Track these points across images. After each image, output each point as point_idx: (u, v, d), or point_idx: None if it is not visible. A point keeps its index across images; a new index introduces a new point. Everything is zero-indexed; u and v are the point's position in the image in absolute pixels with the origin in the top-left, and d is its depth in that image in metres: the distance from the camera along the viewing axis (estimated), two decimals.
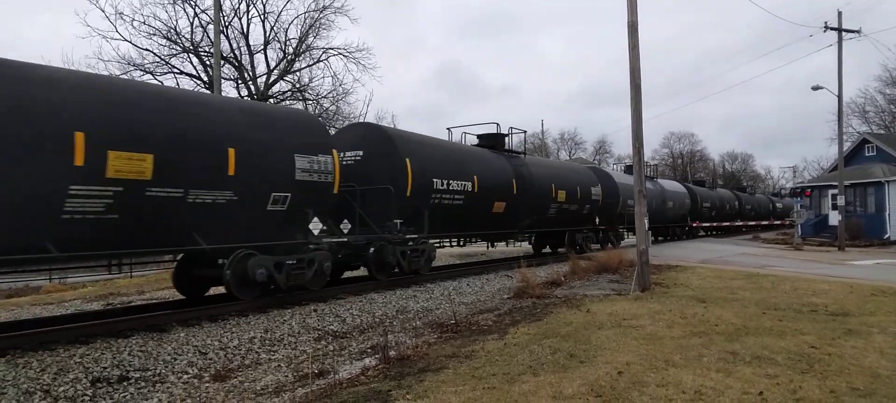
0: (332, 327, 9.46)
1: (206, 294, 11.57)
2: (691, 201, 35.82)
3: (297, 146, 10.91)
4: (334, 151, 11.76)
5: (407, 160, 13.73)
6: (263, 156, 10.24)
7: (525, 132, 20.42)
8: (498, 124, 19.31)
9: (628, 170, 29.89)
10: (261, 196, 10.28)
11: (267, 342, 8.42)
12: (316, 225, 11.42)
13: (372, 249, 13.09)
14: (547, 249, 23.18)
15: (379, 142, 14.02)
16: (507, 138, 19.50)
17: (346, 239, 12.70)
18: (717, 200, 41.57)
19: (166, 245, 9.36)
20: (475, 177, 16.03)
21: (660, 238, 35.14)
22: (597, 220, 23.48)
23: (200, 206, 9.31)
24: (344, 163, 13.29)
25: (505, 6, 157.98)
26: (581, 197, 21.76)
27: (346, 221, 13.34)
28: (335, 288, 12.57)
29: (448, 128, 19.40)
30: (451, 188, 15.07)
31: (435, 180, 14.51)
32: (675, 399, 5.02)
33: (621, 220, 24.83)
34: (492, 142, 19.01)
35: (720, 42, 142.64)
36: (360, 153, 14.03)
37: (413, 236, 14.12)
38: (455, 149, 16.91)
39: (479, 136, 19.36)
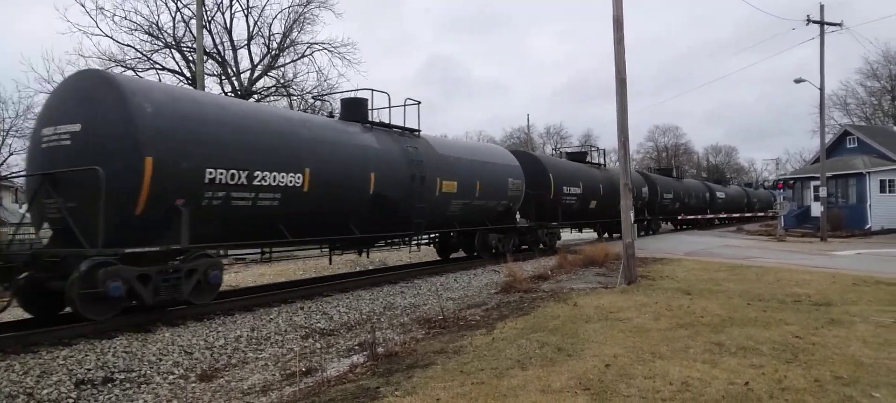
0: (319, 324, 9.42)
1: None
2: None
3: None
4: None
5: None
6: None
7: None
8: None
9: (570, 156, 27.16)
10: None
11: (253, 340, 8.37)
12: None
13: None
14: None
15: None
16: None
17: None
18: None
19: None
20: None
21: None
22: (518, 216, 19.44)
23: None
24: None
25: (495, 2, 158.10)
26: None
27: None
28: (323, 285, 12.54)
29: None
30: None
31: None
32: (663, 390, 5.05)
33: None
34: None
35: (704, 36, 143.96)
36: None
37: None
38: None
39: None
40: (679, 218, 37.48)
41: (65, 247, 8.68)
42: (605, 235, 27.59)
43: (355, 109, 14.05)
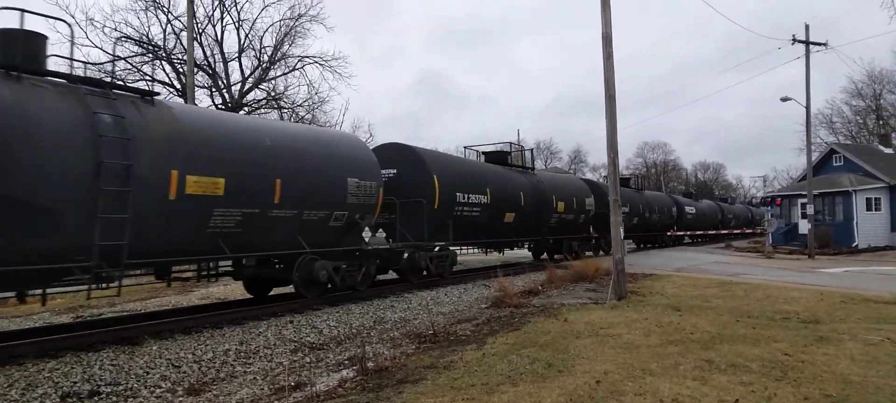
0: (308, 339, 9.36)
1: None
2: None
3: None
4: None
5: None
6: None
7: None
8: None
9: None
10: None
11: (242, 354, 8.30)
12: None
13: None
14: (544, 256, 24.23)
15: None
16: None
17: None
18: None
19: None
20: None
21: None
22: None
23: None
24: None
25: (484, 17, 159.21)
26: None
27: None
28: (313, 299, 12.47)
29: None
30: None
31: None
32: None
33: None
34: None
35: (693, 54, 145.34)
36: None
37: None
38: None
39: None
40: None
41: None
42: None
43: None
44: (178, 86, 27.28)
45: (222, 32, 29.46)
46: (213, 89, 29.35)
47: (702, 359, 6.69)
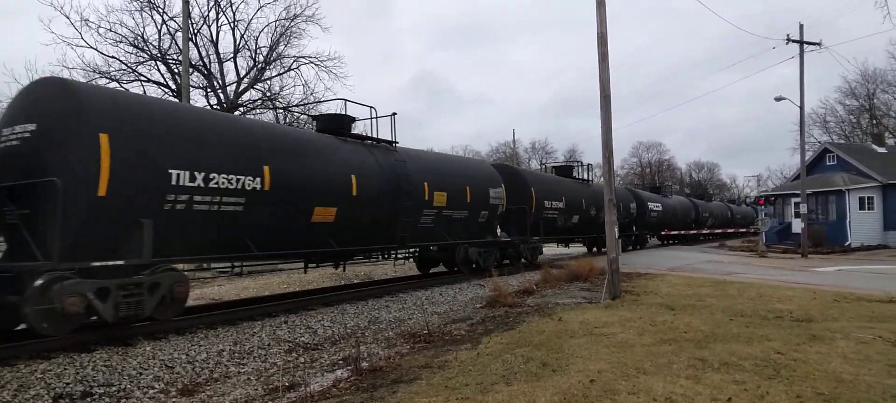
0: (303, 339, 9.35)
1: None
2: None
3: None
4: (503, 185, 18.51)
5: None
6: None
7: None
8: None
9: (557, 170, 27.27)
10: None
11: (236, 355, 8.28)
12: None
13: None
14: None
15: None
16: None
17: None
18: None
19: None
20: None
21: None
22: (498, 230, 19.31)
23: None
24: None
25: (481, 18, 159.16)
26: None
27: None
28: (306, 298, 12.46)
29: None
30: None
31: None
32: None
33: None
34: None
35: (687, 54, 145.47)
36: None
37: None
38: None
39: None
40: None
41: None
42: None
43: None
44: (174, 87, 27.22)
45: (217, 33, 29.45)
46: (209, 89, 29.33)
47: (695, 358, 6.71)
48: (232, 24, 29.56)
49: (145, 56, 27.42)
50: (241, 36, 29.81)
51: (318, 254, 13.01)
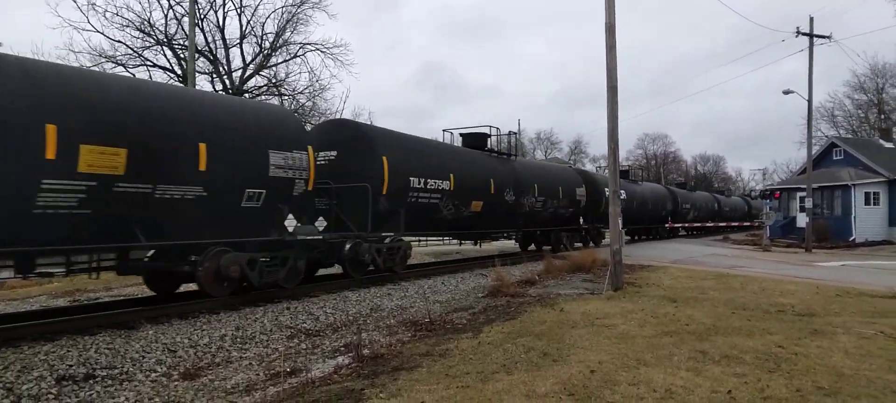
0: (305, 325, 9.38)
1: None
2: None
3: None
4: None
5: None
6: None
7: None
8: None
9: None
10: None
11: (238, 340, 8.32)
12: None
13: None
14: (532, 247, 23.55)
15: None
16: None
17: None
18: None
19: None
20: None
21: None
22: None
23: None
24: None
25: (489, 8, 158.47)
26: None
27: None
28: (310, 286, 12.49)
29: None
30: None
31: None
32: (647, 397, 5.07)
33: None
34: (476, 142, 19.28)
35: (695, 46, 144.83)
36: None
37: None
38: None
39: (462, 135, 19.59)
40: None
41: None
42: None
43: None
44: (179, 72, 27.18)
45: (224, 18, 29.32)
46: (214, 75, 29.26)
47: (696, 350, 6.71)
48: (238, 10, 29.48)
49: (151, 41, 27.37)
50: (248, 22, 29.72)
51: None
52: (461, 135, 19.72)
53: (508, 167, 19.74)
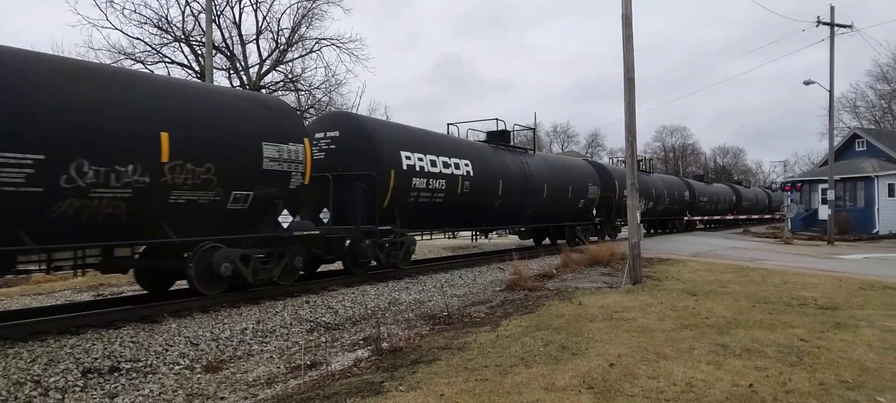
0: (324, 319, 9.45)
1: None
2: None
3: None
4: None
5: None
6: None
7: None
8: (498, 120, 19.62)
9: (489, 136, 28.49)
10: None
11: (259, 333, 8.41)
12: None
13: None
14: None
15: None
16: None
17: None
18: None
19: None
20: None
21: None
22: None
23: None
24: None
25: (504, 2, 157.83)
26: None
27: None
28: (325, 280, 12.57)
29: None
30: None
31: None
32: (666, 391, 5.06)
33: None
34: (497, 138, 19.29)
35: (713, 36, 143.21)
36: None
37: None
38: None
39: (488, 133, 19.71)
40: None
41: None
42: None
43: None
44: (197, 68, 27.42)
45: (240, 14, 29.50)
46: (231, 71, 29.48)
47: (717, 344, 6.66)
48: (254, 6, 29.63)
49: (169, 38, 27.63)
50: (264, 17, 29.89)
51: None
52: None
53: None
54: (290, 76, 31.00)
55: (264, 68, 30.17)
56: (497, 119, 19.41)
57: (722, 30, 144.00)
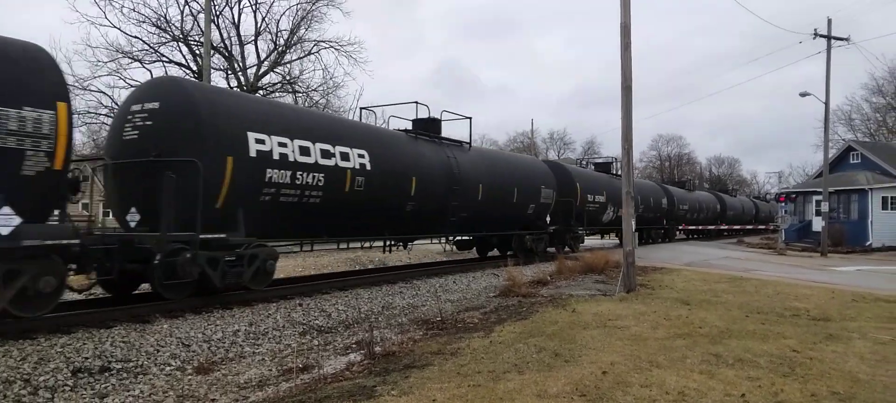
0: (317, 322, 9.43)
1: None
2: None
3: None
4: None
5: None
6: None
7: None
8: (418, 104, 16.06)
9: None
10: None
11: (251, 335, 8.38)
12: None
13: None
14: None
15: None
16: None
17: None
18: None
19: None
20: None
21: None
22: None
23: None
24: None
25: (504, 7, 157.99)
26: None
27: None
28: (320, 282, 12.54)
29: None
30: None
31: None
32: (659, 399, 5.05)
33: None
34: (422, 127, 15.80)
35: (711, 47, 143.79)
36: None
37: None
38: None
39: (413, 121, 16.05)
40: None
41: None
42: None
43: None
44: (195, 68, 27.39)
45: (239, 15, 29.50)
46: (229, 72, 29.46)
47: (709, 353, 6.67)
48: (253, 7, 29.63)
49: (168, 37, 27.61)
50: (263, 18, 29.89)
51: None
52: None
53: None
54: (288, 78, 31.01)
55: (262, 69, 30.18)
56: (417, 102, 15.93)
57: (719, 40, 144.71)
